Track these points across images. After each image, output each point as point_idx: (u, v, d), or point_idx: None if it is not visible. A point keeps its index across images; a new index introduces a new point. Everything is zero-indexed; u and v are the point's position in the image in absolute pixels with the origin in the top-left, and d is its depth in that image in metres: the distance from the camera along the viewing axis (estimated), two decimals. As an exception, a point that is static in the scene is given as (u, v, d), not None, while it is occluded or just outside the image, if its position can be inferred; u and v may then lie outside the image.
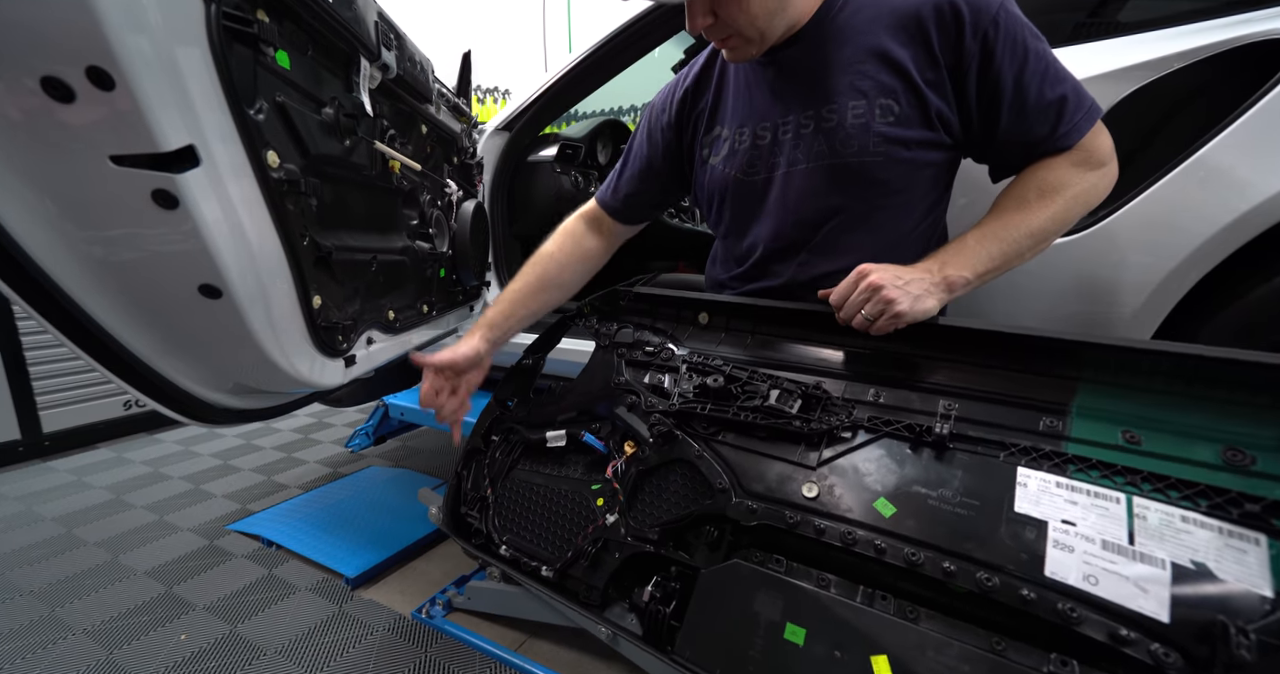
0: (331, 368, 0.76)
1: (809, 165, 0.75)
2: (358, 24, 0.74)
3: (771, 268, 0.82)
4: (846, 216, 0.75)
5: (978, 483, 0.56)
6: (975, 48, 0.66)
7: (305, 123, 0.68)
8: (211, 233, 0.53)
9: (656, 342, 0.84)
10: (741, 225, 0.84)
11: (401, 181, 0.97)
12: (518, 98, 1.56)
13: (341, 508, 1.94)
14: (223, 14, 0.53)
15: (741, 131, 0.80)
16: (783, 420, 0.67)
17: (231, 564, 1.71)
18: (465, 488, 0.88)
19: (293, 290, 0.66)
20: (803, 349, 0.76)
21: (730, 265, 0.89)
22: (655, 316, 0.88)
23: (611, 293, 0.89)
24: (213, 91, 0.53)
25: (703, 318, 0.85)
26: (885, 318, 0.63)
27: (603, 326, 0.89)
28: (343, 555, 1.69)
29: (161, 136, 0.48)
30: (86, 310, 0.53)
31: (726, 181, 0.82)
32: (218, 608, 1.53)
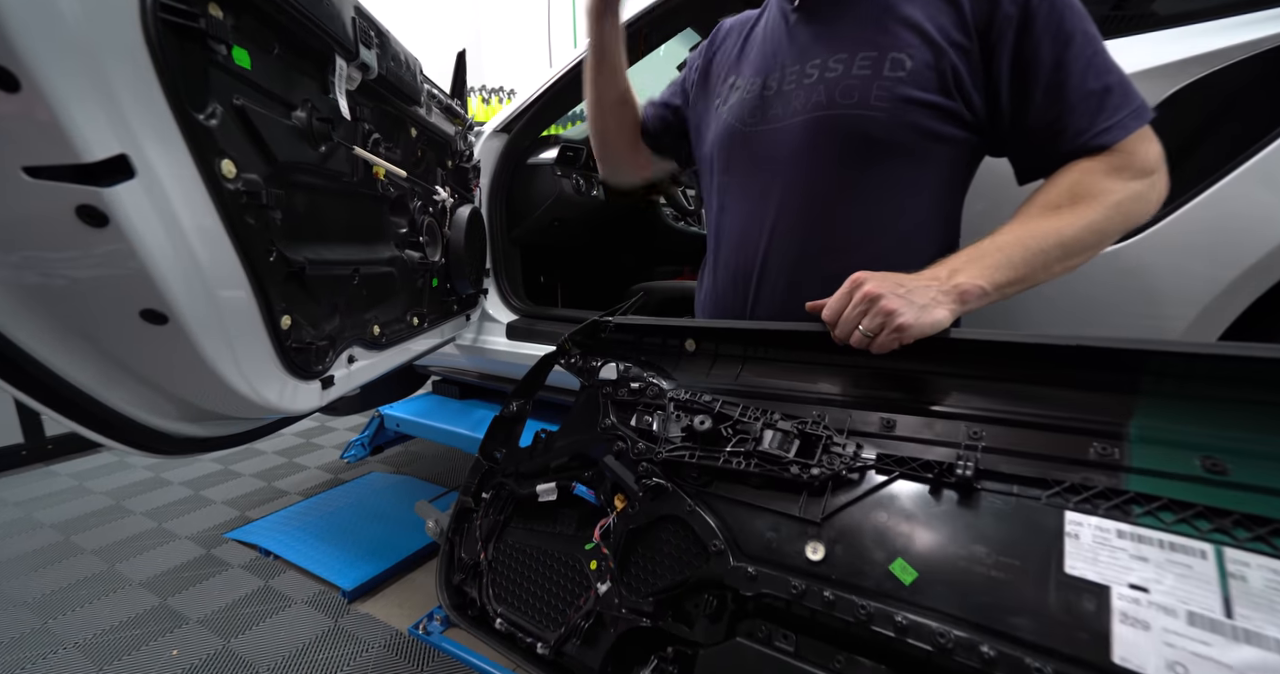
0: (305, 391, 0.70)
1: (805, 117, 0.66)
2: (331, 20, 0.67)
3: (755, 254, 0.74)
4: (840, 187, 0.66)
5: (1016, 535, 0.46)
6: (1013, 12, 0.57)
7: (270, 128, 0.61)
8: (151, 253, 0.46)
9: (642, 377, 0.76)
10: (730, 199, 0.77)
11: (388, 188, 0.90)
12: (520, 96, 1.49)
13: (341, 516, 1.88)
14: (160, 6, 0.46)
15: (754, 80, 0.73)
16: (779, 467, 0.59)
17: (228, 575, 1.65)
18: (458, 555, 0.80)
19: (256, 311, 0.59)
20: (799, 374, 0.67)
21: (722, 267, 0.80)
22: (641, 348, 0.80)
23: (592, 325, 0.81)
24: (151, 94, 0.46)
25: (689, 345, 0.77)
26: (887, 332, 0.54)
27: (586, 363, 0.81)
28: (340, 567, 1.63)
29: (83, 146, 0.41)
30: (11, 339, 0.47)
31: (725, 131, 0.75)
32: (211, 621, 1.47)
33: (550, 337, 1.41)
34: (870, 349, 0.56)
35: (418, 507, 1.54)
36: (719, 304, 0.81)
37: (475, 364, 1.52)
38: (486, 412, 1.51)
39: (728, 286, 0.79)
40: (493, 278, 1.50)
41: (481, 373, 1.55)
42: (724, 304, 0.80)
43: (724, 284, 0.79)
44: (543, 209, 1.52)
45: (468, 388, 1.63)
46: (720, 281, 0.80)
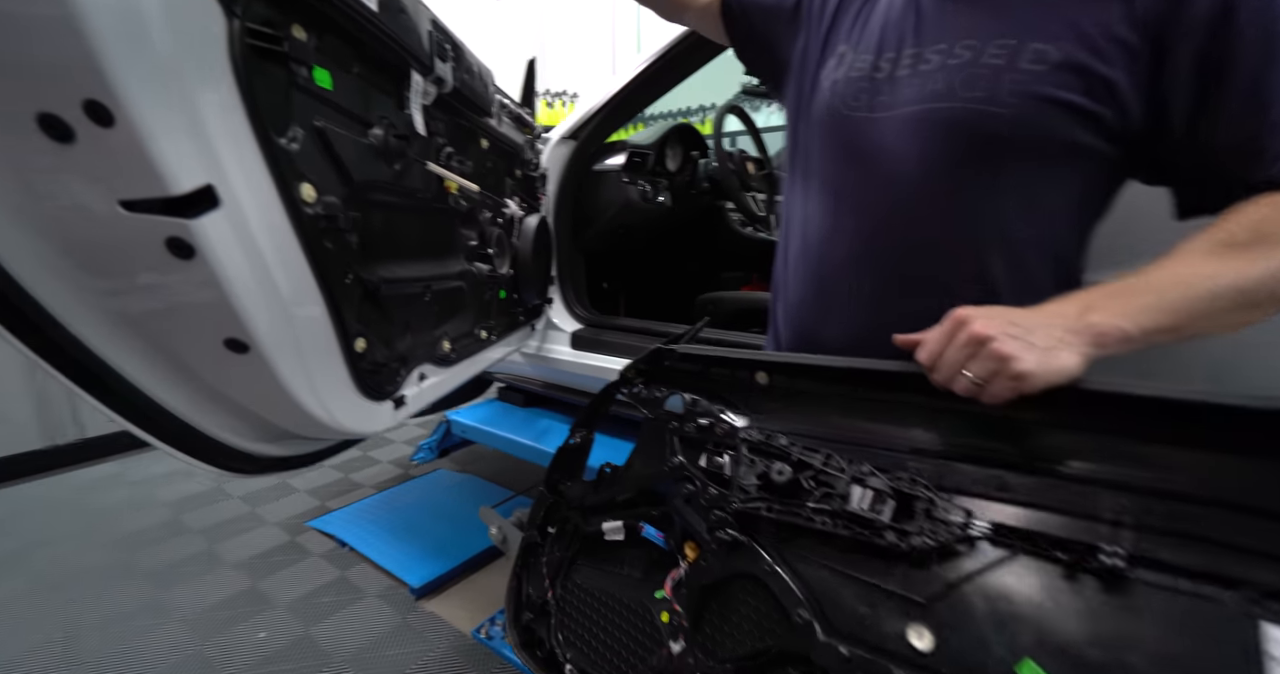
0: (379, 413, 0.69)
1: (916, 108, 0.56)
2: (409, 34, 0.65)
3: (856, 280, 0.64)
4: (948, 194, 0.56)
5: (1188, 647, 0.37)
6: (1205, 9, 0.46)
7: (349, 148, 0.60)
8: (233, 284, 0.46)
9: (710, 412, 0.70)
10: (817, 190, 0.66)
11: (459, 201, 0.89)
12: (585, 101, 1.46)
13: (409, 512, 1.94)
14: (247, 31, 0.45)
15: (865, 59, 0.62)
16: (873, 532, 0.51)
17: (308, 562, 1.74)
18: (526, 591, 0.77)
19: (333, 336, 0.59)
20: (889, 417, 0.59)
21: (800, 277, 0.71)
22: (708, 378, 0.74)
23: (655, 354, 0.75)
24: (236, 121, 0.45)
25: (761, 378, 0.70)
26: (1001, 381, 0.44)
27: (650, 393, 0.76)
28: (409, 563, 1.68)
29: (172, 178, 0.40)
30: (112, 366, 0.47)
31: (824, 110, 0.64)
32: (295, 607, 1.55)
33: (614, 348, 1.38)
34: (981, 398, 0.47)
35: (481, 512, 1.55)
36: (792, 314, 0.73)
37: (539, 373, 1.51)
38: (550, 421, 1.51)
39: (805, 295, 0.70)
40: (558, 286, 1.48)
41: (545, 382, 1.55)
42: (798, 315, 0.72)
43: (800, 292, 0.71)
44: (608, 216, 1.49)
45: (531, 396, 1.63)
46: (795, 288, 0.72)
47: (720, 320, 1.54)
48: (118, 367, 0.48)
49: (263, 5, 0.47)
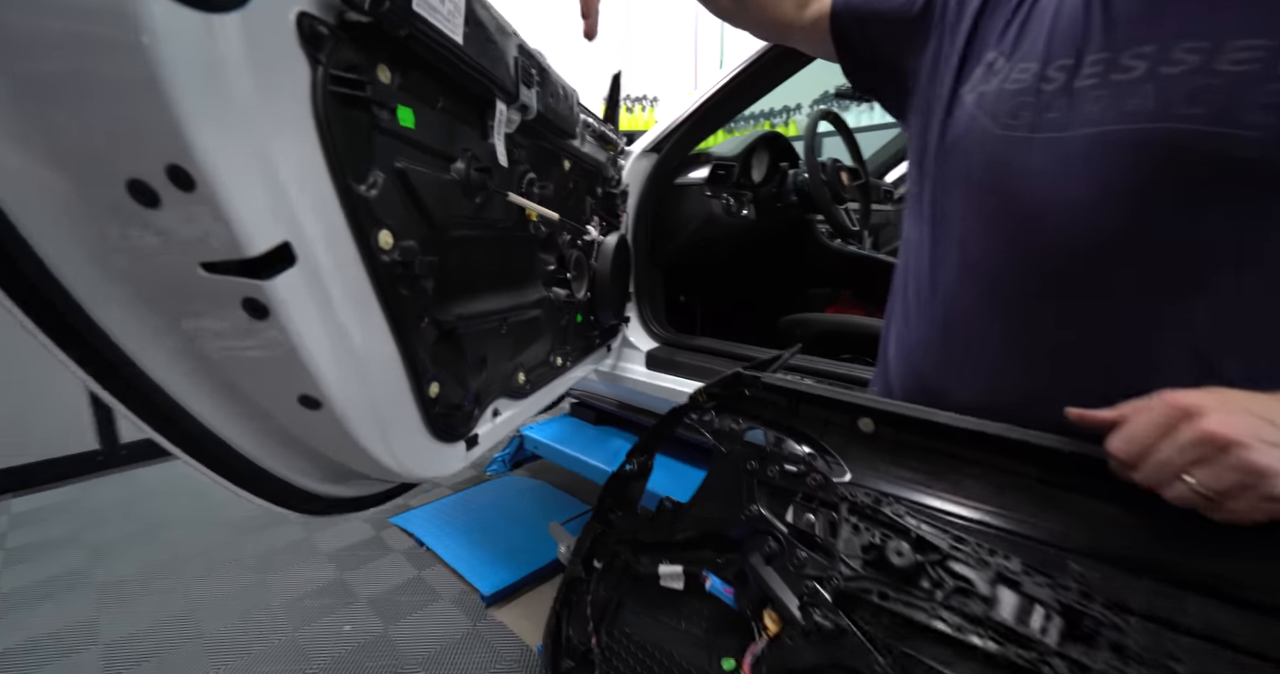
0: (450, 455, 0.66)
1: (1109, 129, 0.43)
2: (495, 63, 0.61)
3: (994, 328, 0.52)
4: (1154, 238, 0.43)
5: None
6: None
7: (430, 187, 0.57)
8: (306, 343, 0.43)
9: (800, 456, 0.60)
10: (957, 219, 0.54)
11: (539, 228, 0.85)
12: (666, 107, 1.40)
13: (483, 515, 1.97)
14: (330, 78, 0.42)
15: (1028, 67, 0.50)
16: (1035, 656, 0.40)
17: (390, 559, 1.81)
18: (566, 633, 0.71)
19: (406, 385, 0.56)
20: (1042, 500, 0.47)
21: (923, 314, 0.60)
22: (795, 414, 0.65)
23: (734, 379, 0.65)
24: (316, 173, 0.43)
25: (865, 424, 0.60)
26: (1250, 499, 0.34)
27: (724, 423, 0.67)
28: (481, 568, 1.70)
29: (247, 240, 0.38)
30: (192, 413, 0.47)
31: (967, 127, 0.52)
32: (376, 603, 1.61)
33: (690, 370, 1.31)
34: (1207, 513, 0.36)
35: (551, 528, 1.53)
36: (910, 356, 0.63)
37: (612, 391, 1.47)
38: (621, 442, 1.47)
39: (927, 337, 0.60)
40: (634, 302, 1.43)
41: (618, 401, 1.51)
42: (918, 359, 0.62)
43: (921, 332, 0.60)
44: (689, 231, 1.42)
45: (603, 413, 1.59)
46: (916, 326, 0.61)
47: (805, 343, 1.43)
48: (191, 407, 0.47)
49: (349, 49, 0.44)
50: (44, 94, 0.33)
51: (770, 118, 4.08)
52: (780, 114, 4.02)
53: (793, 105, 3.96)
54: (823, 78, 1.98)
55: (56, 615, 1.53)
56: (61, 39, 0.32)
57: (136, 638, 1.45)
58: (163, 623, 1.50)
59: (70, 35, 0.32)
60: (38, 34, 0.32)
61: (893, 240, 2.12)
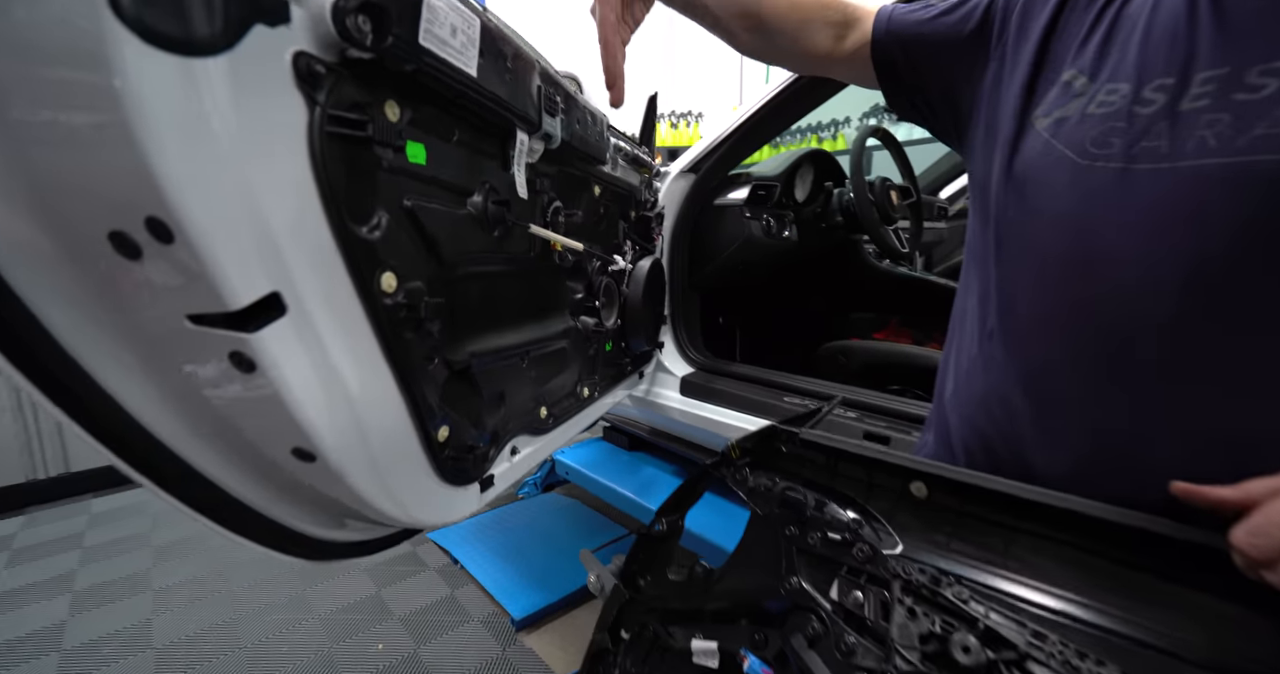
0: (462, 499, 0.63)
1: (1228, 162, 0.36)
2: (514, 93, 0.58)
3: (1084, 390, 0.44)
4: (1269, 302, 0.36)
5: None
6: None
7: (442, 223, 0.54)
8: (296, 396, 0.40)
9: (844, 522, 0.53)
10: (1030, 261, 0.47)
11: (565, 258, 0.82)
12: (710, 123, 1.35)
13: (517, 534, 1.95)
14: (328, 118, 0.40)
15: (1119, 88, 0.42)
16: None
17: (425, 576, 1.81)
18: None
19: (411, 431, 0.53)
20: (1153, 596, 0.39)
21: (990, 366, 0.52)
22: (835, 473, 0.57)
23: (768, 434, 0.58)
24: (311, 219, 0.40)
25: (918, 489, 0.52)
26: None
27: (759, 481, 0.61)
28: (512, 590, 1.68)
29: (230, 293, 0.35)
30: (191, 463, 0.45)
31: (1041, 157, 0.45)
32: (409, 622, 1.60)
33: (726, 398, 1.25)
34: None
35: (581, 556, 1.49)
36: (972, 411, 0.55)
37: (645, 417, 1.42)
38: (654, 471, 1.41)
39: (996, 390, 0.52)
40: (669, 326, 1.38)
41: (651, 427, 1.45)
42: (983, 414, 0.54)
43: (988, 384, 0.52)
44: (728, 253, 1.36)
45: (636, 440, 1.54)
46: (982, 376, 0.53)
47: (848, 373, 1.34)
48: (186, 455, 0.45)
49: (352, 87, 0.42)
50: (23, 141, 0.32)
51: (817, 132, 3.96)
52: (828, 128, 3.90)
53: (841, 119, 3.83)
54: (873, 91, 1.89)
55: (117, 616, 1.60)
56: (34, 84, 0.30)
57: (184, 644, 1.49)
58: (209, 629, 1.54)
59: (43, 80, 0.30)
60: (10, 79, 0.30)
61: (947, 259, 1.98)
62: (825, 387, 1.18)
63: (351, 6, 0.38)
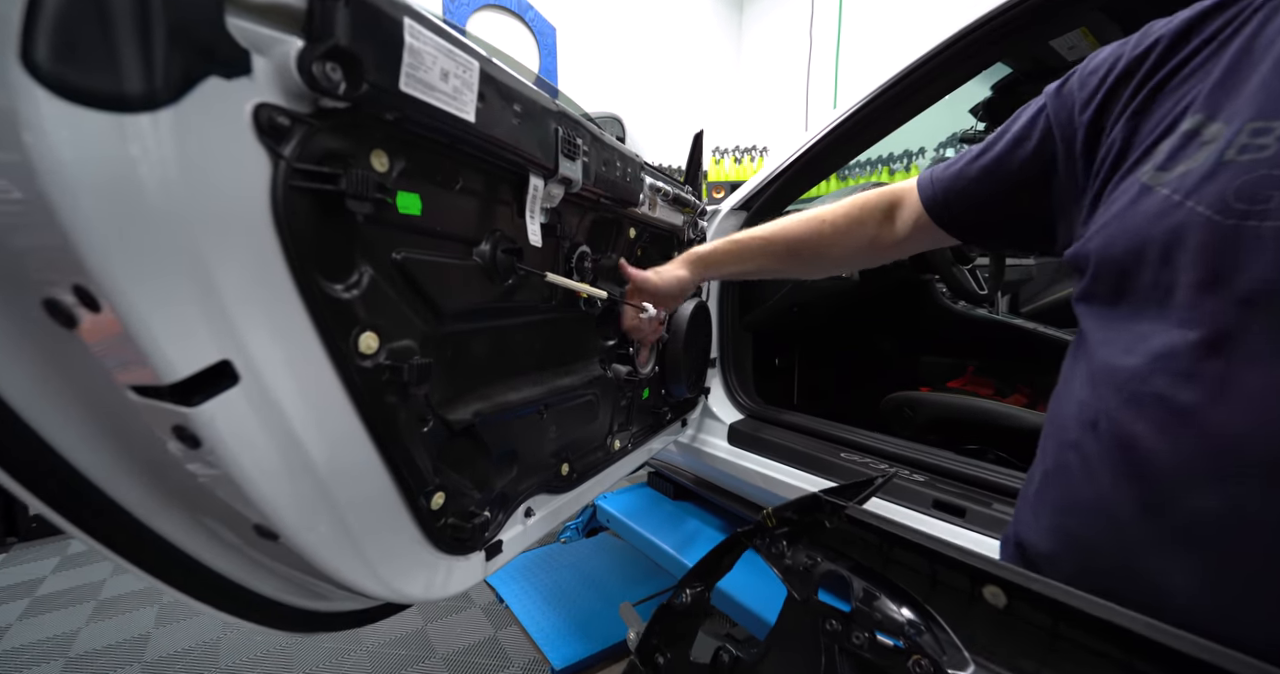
0: (463, 570, 0.56)
1: None
2: (524, 137, 0.54)
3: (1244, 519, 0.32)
4: None
5: None
6: None
7: (438, 277, 0.49)
8: (249, 474, 0.36)
9: (899, 623, 0.41)
10: (1160, 339, 0.37)
11: (593, 304, 0.76)
12: (771, 159, 1.27)
13: (562, 576, 1.87)
14: (294, 173, 0.36)
15: (1270, 126, 0.33)
16: None
17: (470, 614, 1.76)
18: None
19: (396, 501, 0.47)
20: None
21: (1099, 467, 0.40)
22: (891, 559, 0.45)
23: (810, 503, 0.48)
24: (272, 279, 0.36)
25: (994, 596, 0.39)
26: None
27: (797, 558, 0.50)
28: (555, 638, 1.59)
29: (164, 364, 0.31)
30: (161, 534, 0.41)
31: (1166, 221, 0.36)
32: (452, 661, 1.55)
33: (777, 450, 1.12)
34: None
35: (622, 610, 1.38)
36: (1069, 518, 0.43)
37: (690, 465, 1.31)
38: (698, 524, 1.29)
39: (1103, 501, 0.40)
40: (719, 370, 1.28)
41: (696, 476, 1.34)
42: (1088, 525, 0.41)
43: (1098, 493, 0.40)
44: (780, 295, 1.25)
45: (681, 488, 1.43)
46: (1089, 481, 0.41)
47: (916, 428, 1.17)
48: (157, 527, 0.41)
49: (328, 138, 0.38)
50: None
51: (888, 164, 3.75)
52: (900, 159, 3.68)
53: (915, 149, 3.61)
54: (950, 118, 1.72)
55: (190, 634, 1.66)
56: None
57: (246, 666, 1.52)
58: (268, 654, 1.56)
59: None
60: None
61: (1035, 299, 1.74)
62: (889, 443, 1.03)
63: (318, 54, 0.34)
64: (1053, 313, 1.71)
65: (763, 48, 4.43)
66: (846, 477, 1.02)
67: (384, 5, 0.38)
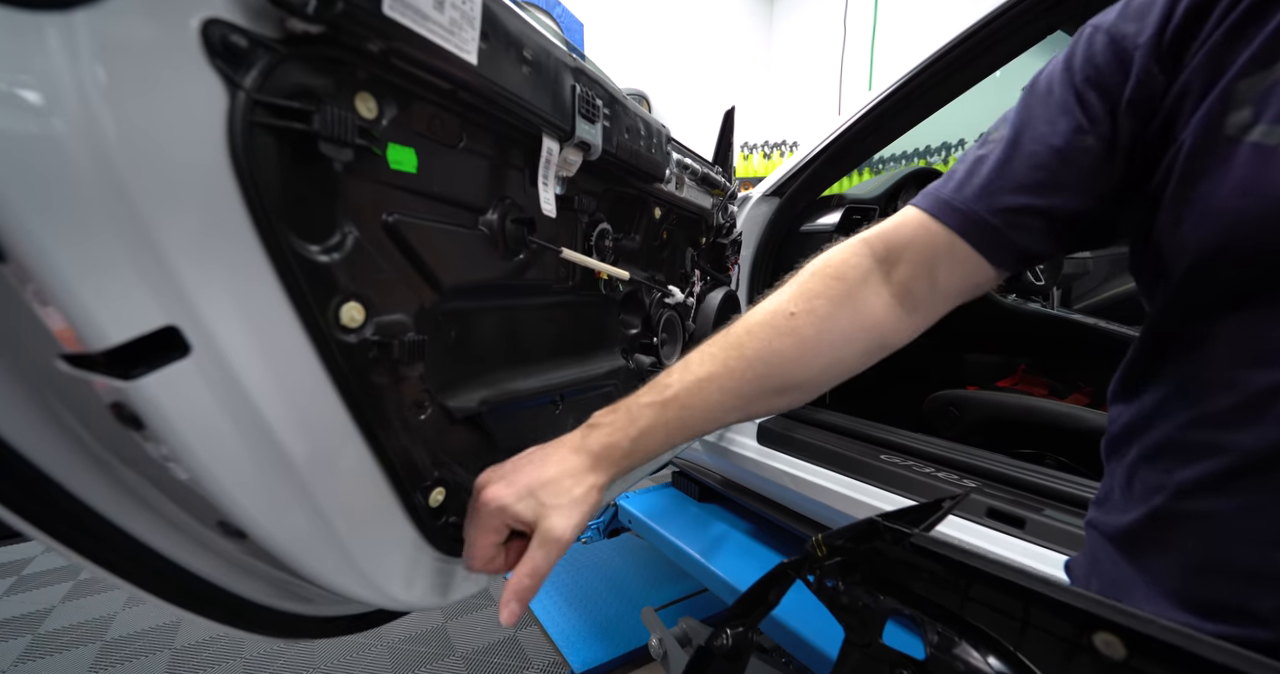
0: (466, 574, 0.50)
1: None
2: (537, 91, 0.47)
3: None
4: None
5: None
6: None
7: (440, 245, 0.43)
8: (203, 462, 0.30)
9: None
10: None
11: (614, 287, 0.69)
12: (801, 151, 1.18)
13: (585, 577, 1.82)
14: (256, 106, 0.30)
15: None
16: None
17: (490, 612, 1.71)
18: None
19: (388, 495, 0.41)
20: None
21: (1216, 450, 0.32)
22: (969, 596, 0.36)
23: (867, 529, 0.40)
24: (227, 232, 0.30)
25: (1109, 646, 0.30)
26: None
27: (854, 594, 0.41)
28: (574, 640, 1.53)
29: (91, 329, 0.25)
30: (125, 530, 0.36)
31: (1256, 195, 0.29)
32: (471, 660, 1.51)
33: (810, 450, 1.03)
34: None
35: (643, 615, 1.31)
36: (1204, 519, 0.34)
37: (717, 465, 1.23)
38: (724, 527, 1.21)
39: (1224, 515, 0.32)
40: (747, 364, 1.20)
41: (723, 477, 1.26)
42: (1226, 531, 0.33)
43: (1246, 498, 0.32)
44: (815, 284, 1.16)
45: (707, 490, 1.35)
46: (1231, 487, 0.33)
47: (963, 429, 1.06)
48: (115, 519, 0.35)
49: (298, 70, 0.32)
50: None
51: (925, 157, 3.59)
52: (939, 151, 3.51)
53: (954, 141, 3.43)
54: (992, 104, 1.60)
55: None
56: None
57: (267, 658, 1.50)
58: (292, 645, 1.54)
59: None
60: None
61: (1091, 294, 1.60)
62: (933, 444, 0.93)
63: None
64: (1110, 309, 1.57)
65: (794, 40, 4.30)
66: (887, 480, 0.92)
67: (364, -91, 0.32)
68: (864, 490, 0.91)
